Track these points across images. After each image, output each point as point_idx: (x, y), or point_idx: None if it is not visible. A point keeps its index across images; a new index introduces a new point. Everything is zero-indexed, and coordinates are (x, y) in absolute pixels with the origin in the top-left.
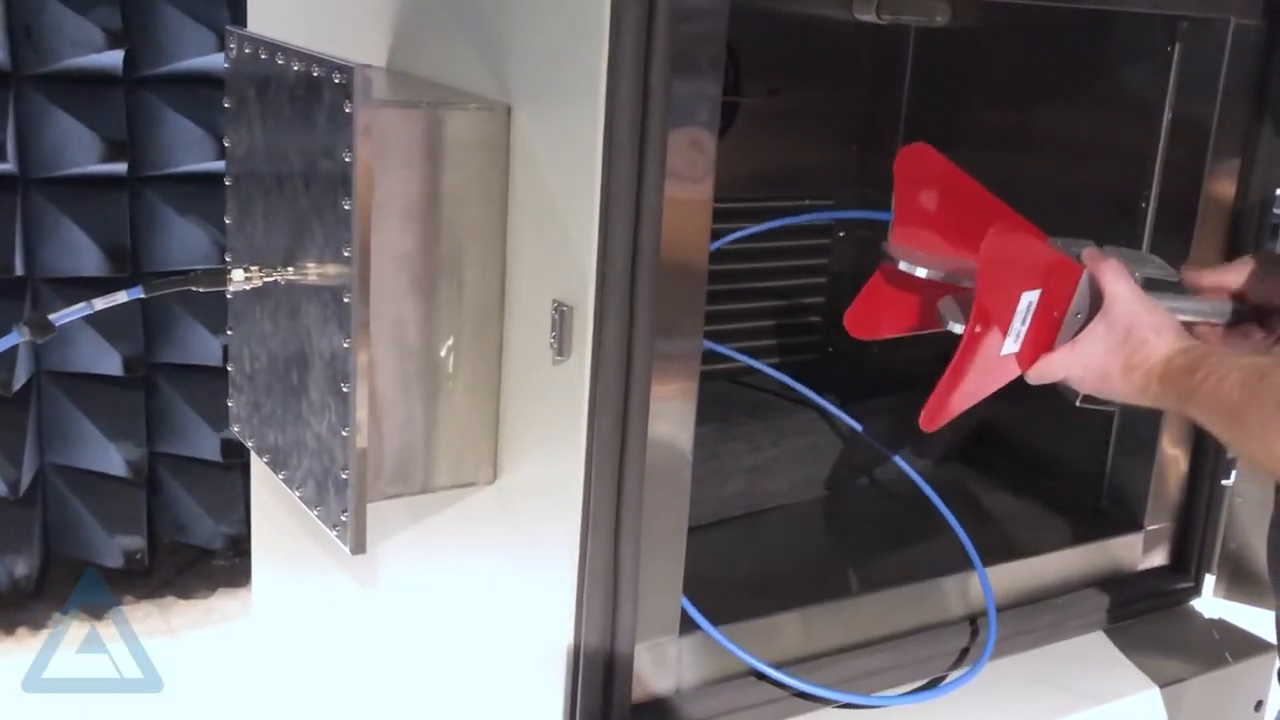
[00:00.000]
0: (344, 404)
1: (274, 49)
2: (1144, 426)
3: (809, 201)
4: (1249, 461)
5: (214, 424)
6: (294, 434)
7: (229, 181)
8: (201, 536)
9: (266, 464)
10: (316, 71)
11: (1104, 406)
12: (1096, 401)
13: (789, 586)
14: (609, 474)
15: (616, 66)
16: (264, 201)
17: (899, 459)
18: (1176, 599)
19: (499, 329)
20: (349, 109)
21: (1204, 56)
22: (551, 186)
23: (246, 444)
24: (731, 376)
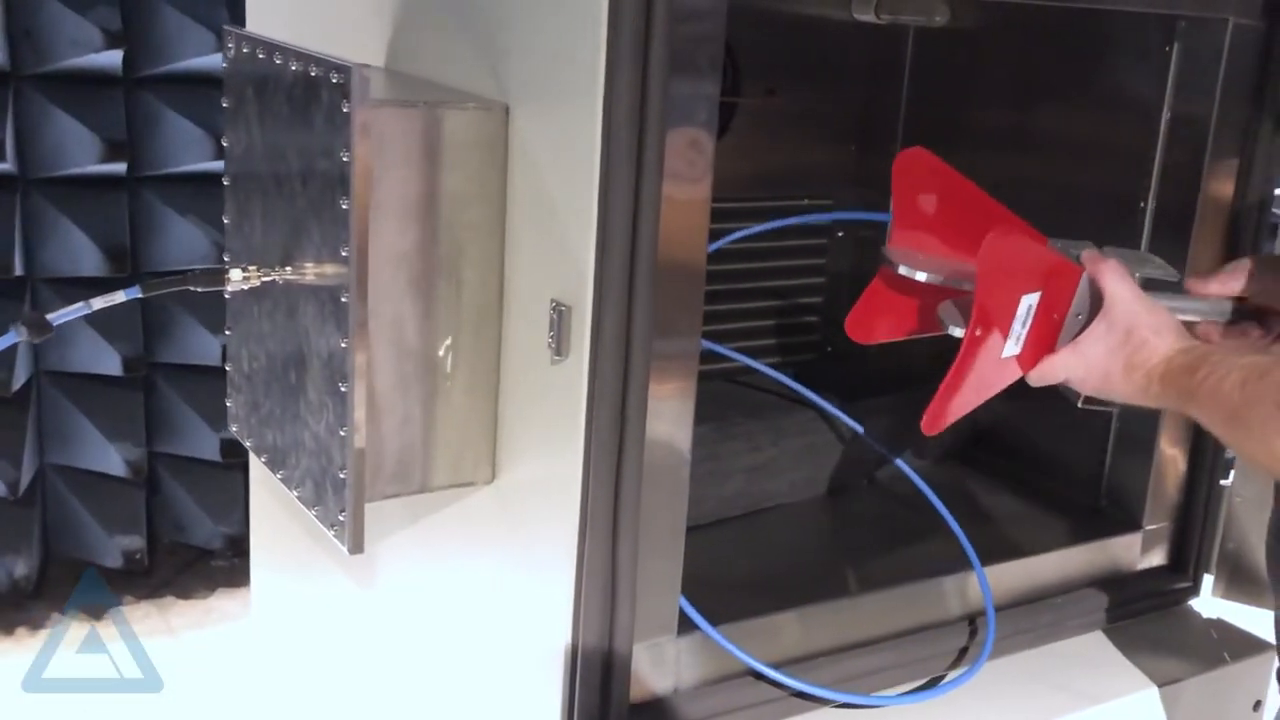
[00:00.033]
0: (342, 404)
1: (272, 48)
2: (1143, 427)
3: (808, 201)
4: (1249, 461)
5: (213, 424)
6: (292, 434)
7: (227, 181)
8: (201, 537)
9: (265, 464)
10: (314, 71)
11: (1105, 407)
12: (1098, 402)
13: (788, 586)
14: (607, 474)
15: (615, 66)
16: (262, 201)
17: (898, 459)
18: (1175, 599)
19: (497, 329)
20: (347, 108)
21: (1202, 56)
22: (550, 186)
23: (245, 444)
24: (730, 376)
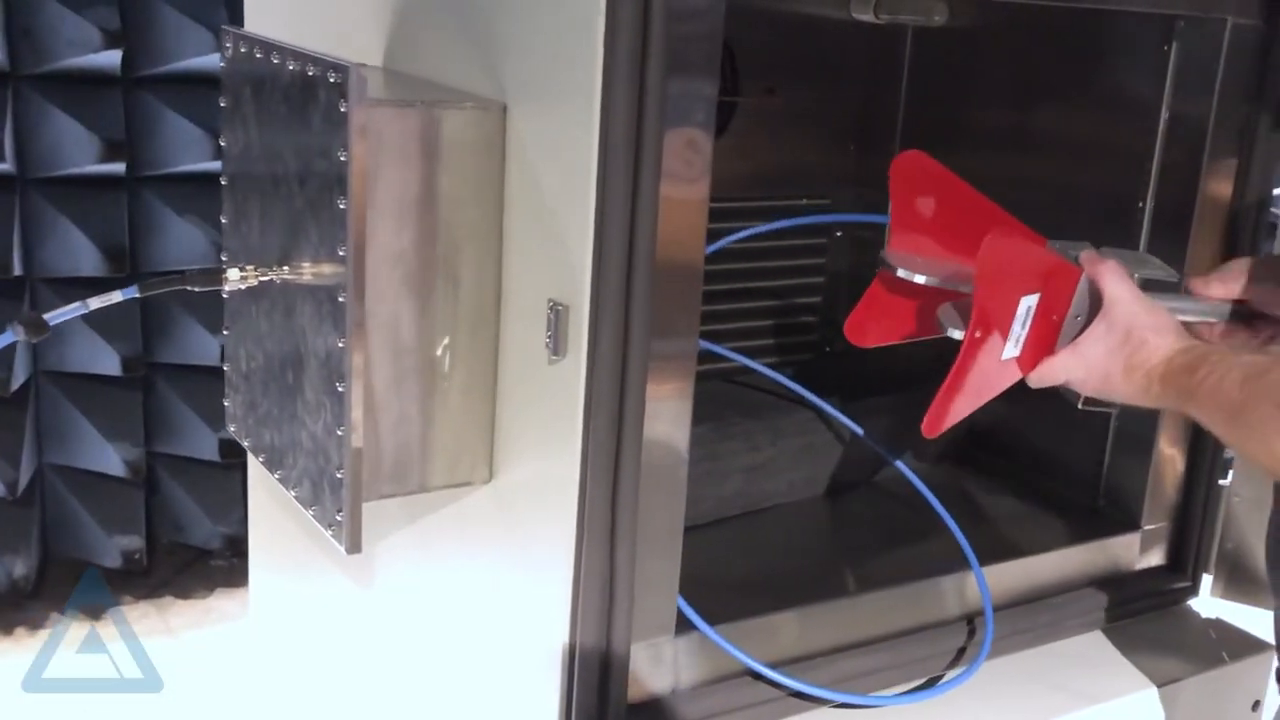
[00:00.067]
0: (339, 403)
1: (269, 48)
2: (1141, 426)
3: (806, 201)
4: (1250, 460)
5: (212, 424)
6: (290, 433)
7: (225, 181)
8: (200, 537)
9: (262, 463)
10: (312, 71)
11: (1106, 408)
12: (1098, 403)
13: (786, 586)
14: (604, 474)
15: (612, 66)
16: (259, 201)
17: (896, 459)
18: (1174, 598)
19: (495, 328)
20: (344, 108)
21: (1201, 56)
22: (547, 186)
23: (242, 443)
24: (729, 376)
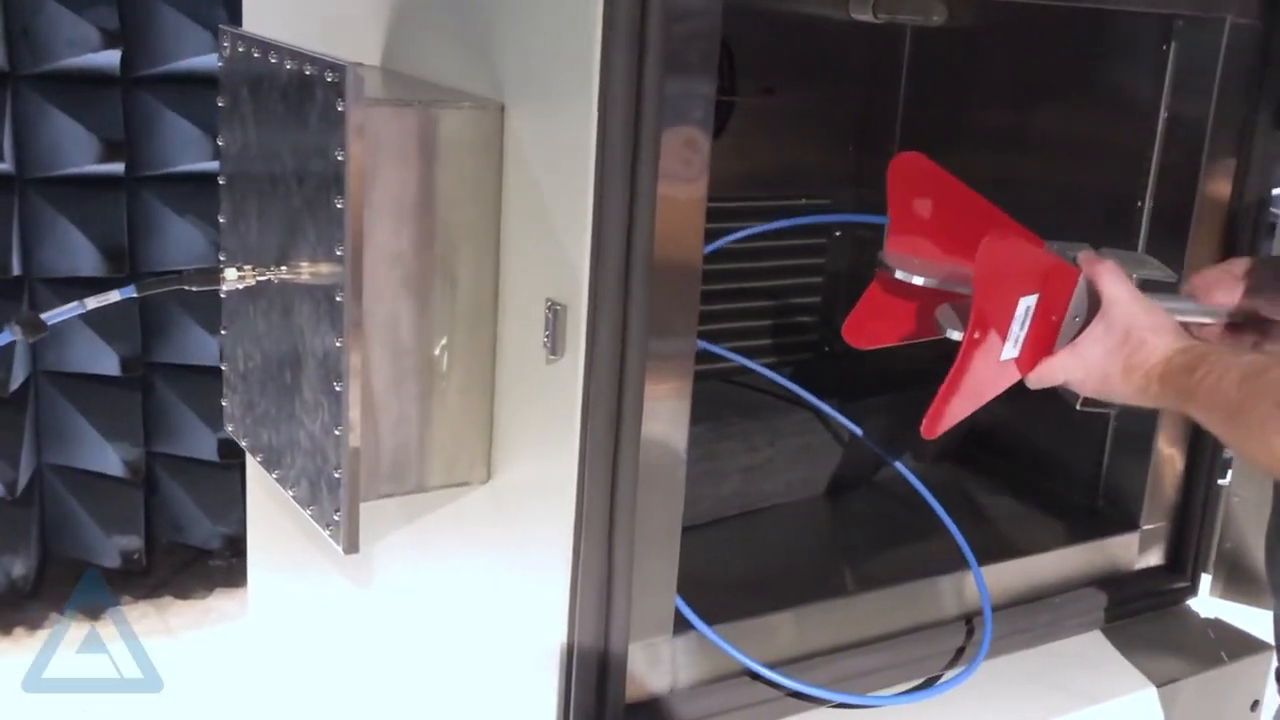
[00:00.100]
0: (337, 403)
1: (267, 48)
2: (1140, 426)
3: (805, 201)
4: (1249, 460)
5: (211, 424)
6: (287, 433)
7: (223, 180)
8: (199, 537)
9: (260, 463)
10: (309, 70)
11: (1105, 409)
12: (1097, 404)
13: (784, 586)
14: (602, 474)
15: (609, 65)
16: (257, 200)
17: (895, 460)
18: (1172, 598)
19: (492, 328)
20: (341, 107)
21: (1200, 56)
22: (545, 185)
23: (240, 443)
24: (727, 376)
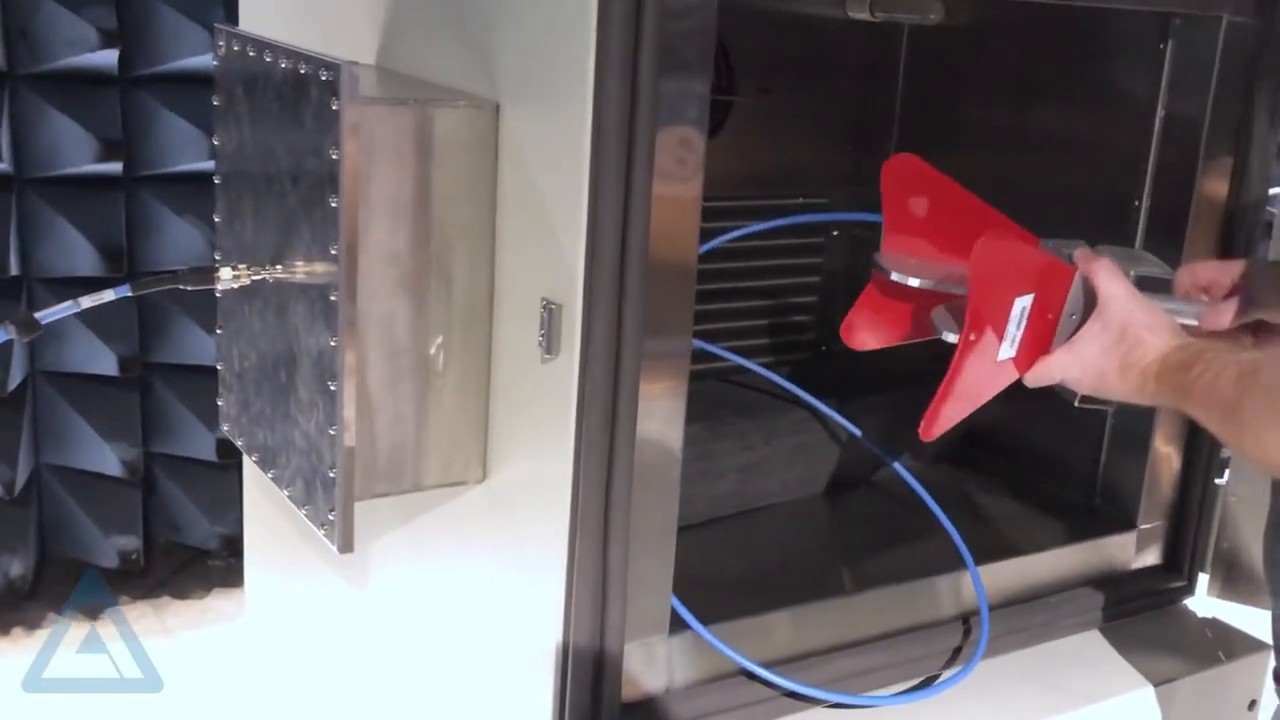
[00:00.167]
0: (331, 402)
1: (262, 46)
2: (1137, 425)
3: (802, 200)
4: (1245, 457)
5: (209, 424)
6: (283, 433)
7: (218, 180)
8: (197, 537)
9: (255, 463)
10: (304, 69)
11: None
12: (1095, 401)
13: (780, 586)
14: (597, 473)
15: (604, 64)
16: (252, 199)
17: (892, 459)
18: (1170, 598)
19: (488, 327)
20: (336, 106)
21: (1196, 54)
22: (540, 184)
23: (236, 443)
24: (724, 376)
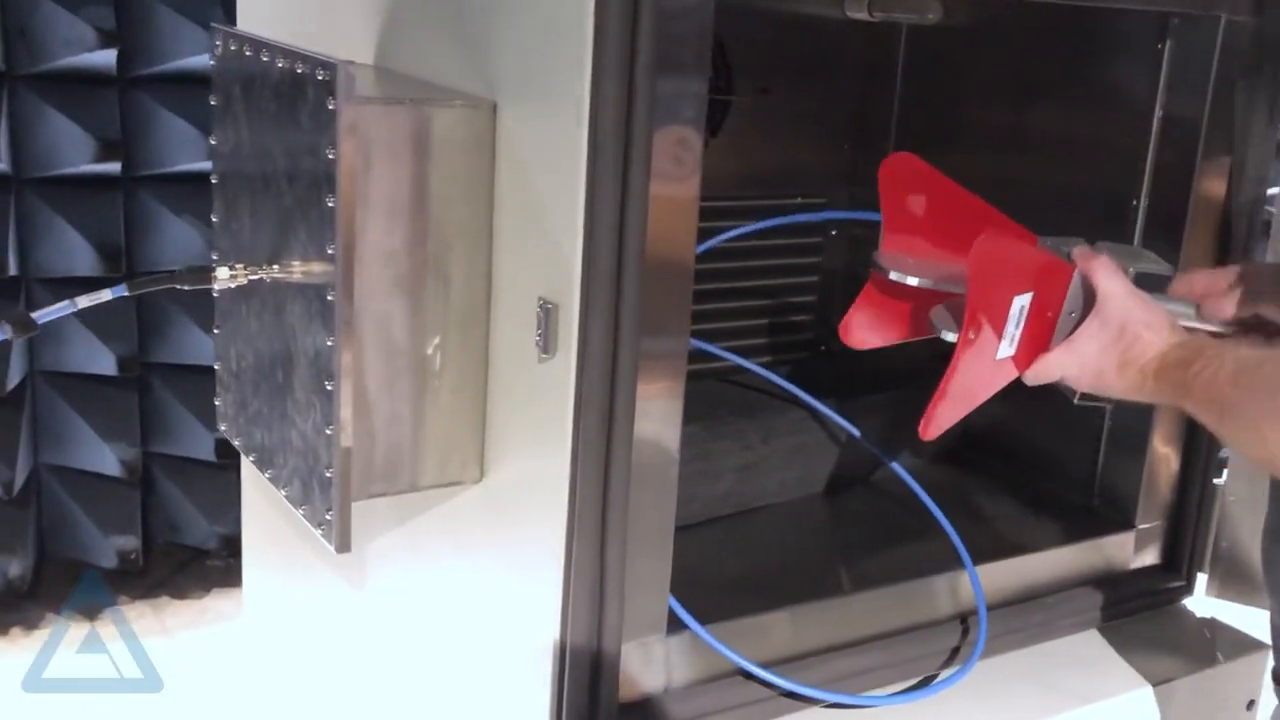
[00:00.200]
0: (328, 402)
1: (259, 46)
2: (1136, 425)
3: (801, 200)
4: (1244, 454)
5: (208, 424)
6: (280, 432)
7: (215, 179)
8: (196, 537)
9: (253, 463)
10: (300, 69)
11: (1102, 403)
12: (1094, 399)
13: (778, 585)
14: (594, 473)
15: (601, 64)
16: (249, 199)
17: (890, 459)
18: (1168, 598)
19: (485, 327)
20: (332, 106)
21: (1195, 53)
22: (537, 184)
23: (234, 443)
24: (723, 375)
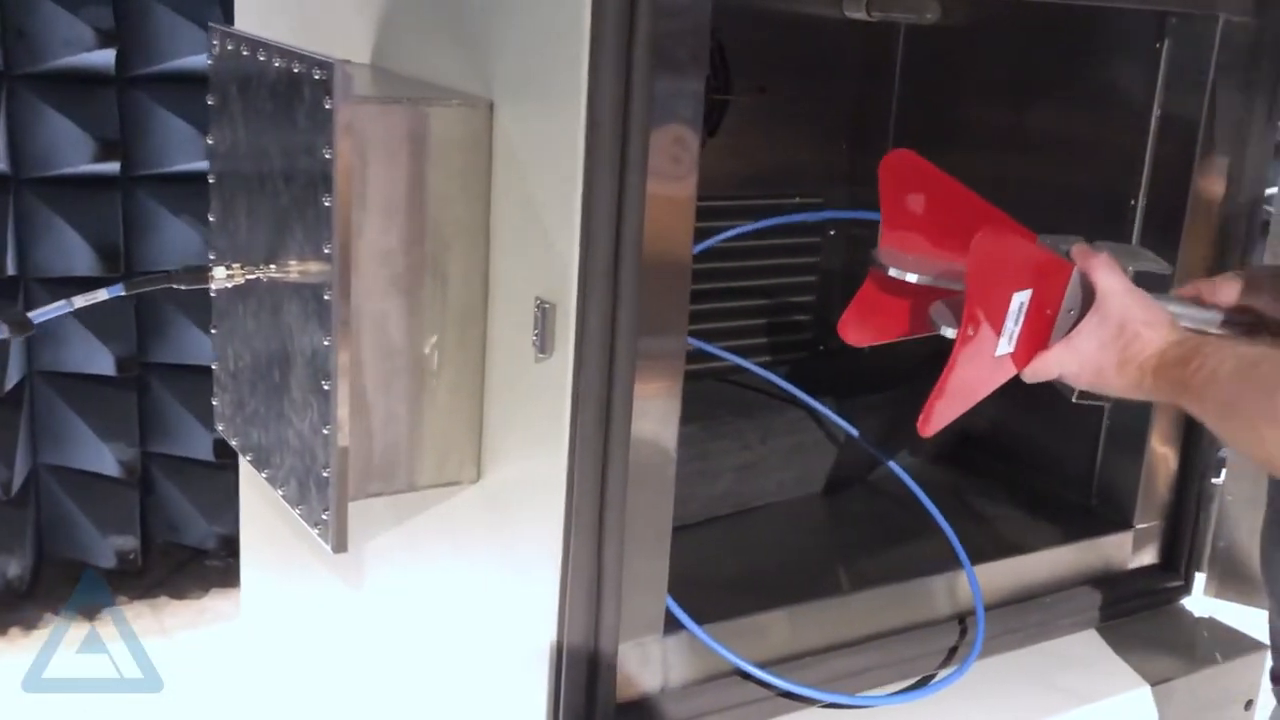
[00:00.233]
0: (325, 402)
1: (255, 45)
2: (1134, 424)
3: (799, 199)
4: (1242, 452)
5: (207, 424)
6: (277, 432)
7: (212, 179)
8: (194, 537)
9: (250, 463)
10: (297, 68)
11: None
12: (1093, 397)
13: (776, 585)
14: (592, 472)
15: (598, 63)
16: (246, 199)
17: (888, 459)
18: (1166, 597)
19: (482, 326)
20: (329, 105)
21: (1193, 53)
22: (534, 183)
23: (231, 443)
24: (721, 375)
